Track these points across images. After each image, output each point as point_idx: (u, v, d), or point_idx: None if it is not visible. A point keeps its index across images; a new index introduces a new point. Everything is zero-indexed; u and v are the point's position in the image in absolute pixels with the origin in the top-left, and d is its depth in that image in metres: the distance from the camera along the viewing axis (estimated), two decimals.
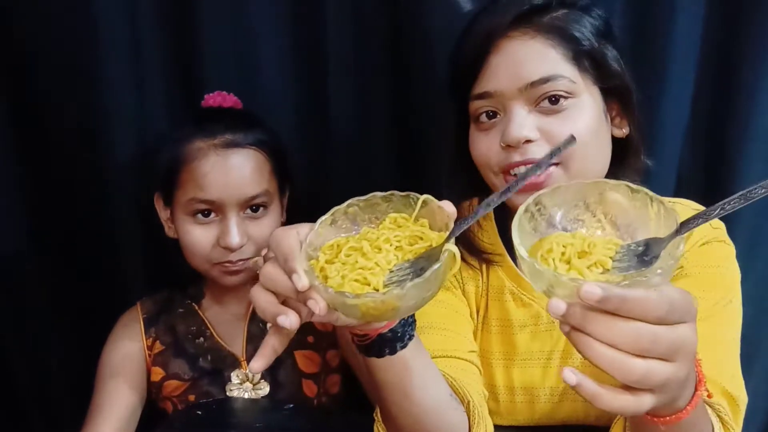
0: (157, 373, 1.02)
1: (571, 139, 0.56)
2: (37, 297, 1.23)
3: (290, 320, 0.54)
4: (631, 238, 0.54)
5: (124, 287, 1.19)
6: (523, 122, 0.76)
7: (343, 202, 0.59)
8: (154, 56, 1.11)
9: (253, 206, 0.96)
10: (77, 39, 1.07)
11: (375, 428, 0.75)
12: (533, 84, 0.75)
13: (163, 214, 1.01)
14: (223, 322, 1.04)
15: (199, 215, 0.95)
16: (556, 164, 0.77)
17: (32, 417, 1.28)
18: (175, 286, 1.06)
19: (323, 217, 0.58)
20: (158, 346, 1.03)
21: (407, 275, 0.53)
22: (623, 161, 0.83)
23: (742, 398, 0.75)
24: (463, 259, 0.83)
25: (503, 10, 0.78)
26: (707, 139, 1.08)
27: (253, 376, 1.02)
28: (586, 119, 0.76)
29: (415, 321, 0.66)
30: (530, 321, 0.85)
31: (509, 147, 0.77)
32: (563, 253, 0.53)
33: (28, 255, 1.21)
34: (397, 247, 0.56)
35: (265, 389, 1.01)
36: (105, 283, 1.20)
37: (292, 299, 0.55)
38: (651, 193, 0.53)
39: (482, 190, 0.85)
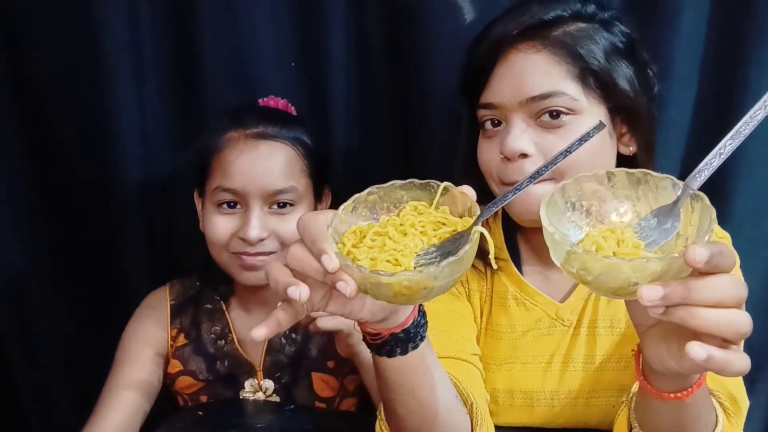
0: (175, 366, 1.01)
1: (601, 125, 0.57)
2: (37, 298, 1.23)
3: (300, 292, 0.53)
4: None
5: (126, 288, 1.19)
6: (521, 135, 0.76)
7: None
8: (153, 57, 1.11)
9: (279, 202, 0.93)
10: (77, 39, 1.07)
11: (377, 426, 0.74)
12: (533, 99, 0.75)
13: (199, 206, 0.99)
14: (246, 328, 1.02)
15: (225, 206, 0.93)
16: (552, 179, 0.75)
17: (32, 418, 1.29)
18: (206, 279, 1.03)
19: (345, 204, 0.58)
20: (182, 340, 1.01)
21: (435, 258, 0.53)
22: None
23: (744, 402, 0.75)
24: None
25: (515, 20, 0.77)
26: (710, 140, 1.07)
27: (266, 387, 1.01)
28: None
29: (427, 323, 0.66)
30: (532, 325, 0.86)
31: (507, 159, 0.78)
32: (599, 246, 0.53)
33: (28, 256, 1.21)
34: (421, 232, 0.56)
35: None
36: (106, 284, 1.21)
37: (318, 282, 0.54)
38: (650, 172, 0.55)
39: (492, 195, 0.84)
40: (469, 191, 0.57)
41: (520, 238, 0.89)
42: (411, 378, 0.65)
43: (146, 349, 0.99)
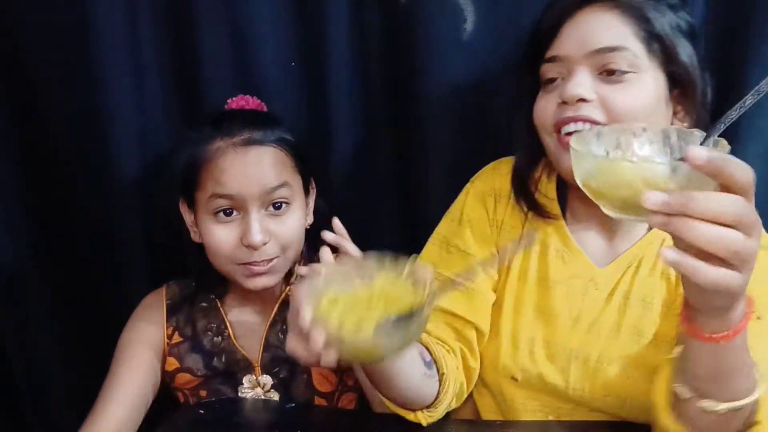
0: (172, 364, 1.02)
1: None
2: (37, 299, 1.23)
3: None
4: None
5: (124, 289, 1.18)
6: (582, 82, 0.80)
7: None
8: (152, 56, 1.11)
9: (275, 203, 0.94)
10: (75, 39, 1.07)
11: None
12: (599, 51, 0.79)
13: (188, 218, 1.00)
14: (243, 324, 1.03)
15: (221, 214, 0.94)
16: (606, 125, 0.79)
17: (31, 418, 1.28)
18: (203, 281, 1.04)
19: (323, 271, 0.69)
20: (177, 337, 1.02)
21: (391, 327, 0.63)
22: None
23: None
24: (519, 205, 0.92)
25: None
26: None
27: (264, 383, 1.02)
28: (645, 96, 0.80)
29: None
30: (565, 280, 0.89)
31: (564, 104, 0.81)
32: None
33: (27, 257, 1.21)
34: (386, 302, 0.67)
35: (275, 399, 1.02)
36: (105, 285, 1.21)
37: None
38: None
39: (545, 153, 0.89)
40: (426, 272, 0.68)
41: (568, 204, 0.93)
42: (386, 375, 0.77)
43: (144, 348, 1.00)
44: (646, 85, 0.79)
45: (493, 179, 0.96)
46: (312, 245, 1.01)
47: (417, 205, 1.17)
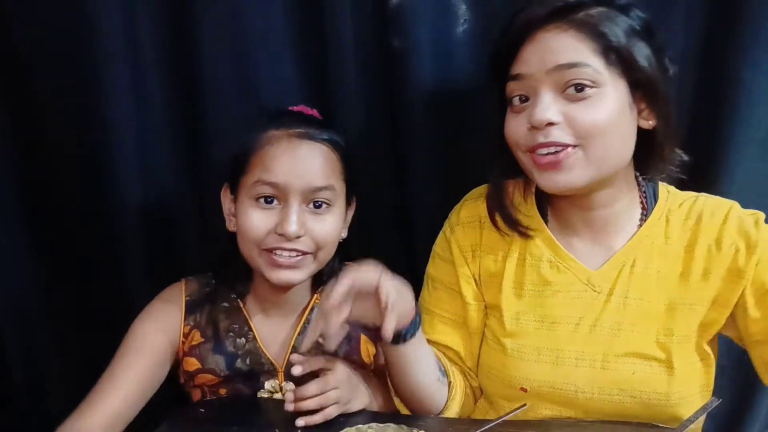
0: (192, 364, 1.00)
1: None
2: (36, 299, 1.23)
3: None
4: None
5: (125, 290, 1.19)
6: (548, 106, 0.83)
7: None
8: (151, 56, 1.11)
9: (316, 202, 0.94)
10: (74, 39, 1.07)
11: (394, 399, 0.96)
12: (560, 67, 0.82)
13: (228, 205, 0.99)
14: (268, 328, 1.02)
15: (262, 200, 0.93)
16: (576, 146, 0.83)
17: (31, 418, 1.28)
18: (222, 278, 1.03)
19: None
20: (197, 338, 1.00)
21: None
22: (650, 152, 0.89)
23: None
24: (497, 227, 0.96)
25: (541, 5, 0.85)
26: (704, 140, 1.09)
27: (286, 390, 0.99)
28: (609, 108, 0.82)
29: (420, 320, 0.89)
30: (563, 288, 0.92)
31: (534, 128, 0.84)
32: None
33: (27, 257, 1.21)
34: None
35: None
36: (105, 287, 1.21)
37: None
38: None
39: (520, 166, 0.91)
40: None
41: (550, 209, 0.97)
42: (408, 359, 0.89)
43: (156, 342, 0.97)
44: (608, 99, 0.82)
45: (474, 208, 0.99)
46: (341, 261, 1.02)
47: (416, 206, 1.18)
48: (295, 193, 0.92)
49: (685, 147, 1.08)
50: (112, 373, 0.94)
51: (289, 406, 0.89)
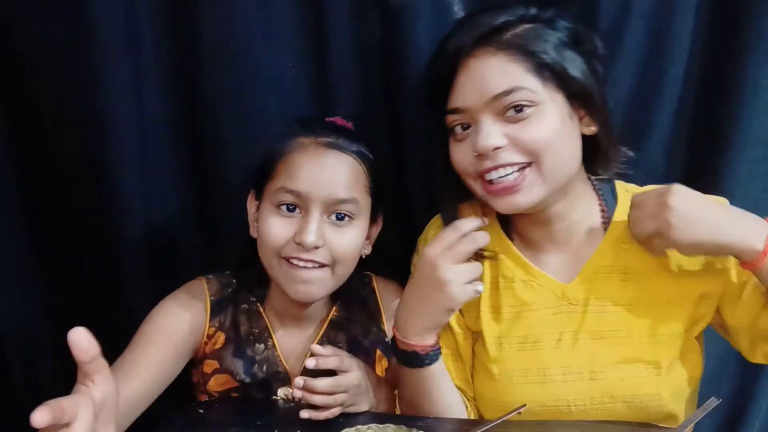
0: (210, 366, 0.99)
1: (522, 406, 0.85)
2: (36, 300, 1.23)
3: None
4: None
5: (125, 290, 1.19)
6: (490, 132, 0.83)
7: None
8: (152, 56, 1.11)
9: (339, 214, 0.93)
10: (74, 39, 1.07)
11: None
12: (497, 97, 0.82)
13: (252, 211, 0.99)
14: (286, 336, 1.02)
15: (284, 208, 0.92)
16: (529, 164, 0.82)
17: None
18: (242, 279, 1.02)
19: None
20: (220, 341, 0.99)
21: None
22: (596, 155, 0.89)
23: None
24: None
25: (467, 31, 0.85)
26: (703, 142, 1.09)
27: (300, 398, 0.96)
28: (550, 123, 0.83)
29: (440, 352, 0.91)
30: (540, 305, 0.91)
31: (480, 155, 0.84)
32: None
33: (27, 258, 1.21)
34: None
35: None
36: (105, 287, 1.20)
37: None
38: None
39: (470, 191, 0.90)
40: None
41: (512, 228, 0.96)
42: (427, 384, 0.90)
43: (180, 334, 0.96)
44: (548, 114, 0.82)
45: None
46: (361, 276, 1.02)
47: (416, 206, 1.18)
48: (317, 203, 0.91)
49: (690, 147, 1.10)
50: (133, 359, 0.91)
51: (297, 393, 0.88)
